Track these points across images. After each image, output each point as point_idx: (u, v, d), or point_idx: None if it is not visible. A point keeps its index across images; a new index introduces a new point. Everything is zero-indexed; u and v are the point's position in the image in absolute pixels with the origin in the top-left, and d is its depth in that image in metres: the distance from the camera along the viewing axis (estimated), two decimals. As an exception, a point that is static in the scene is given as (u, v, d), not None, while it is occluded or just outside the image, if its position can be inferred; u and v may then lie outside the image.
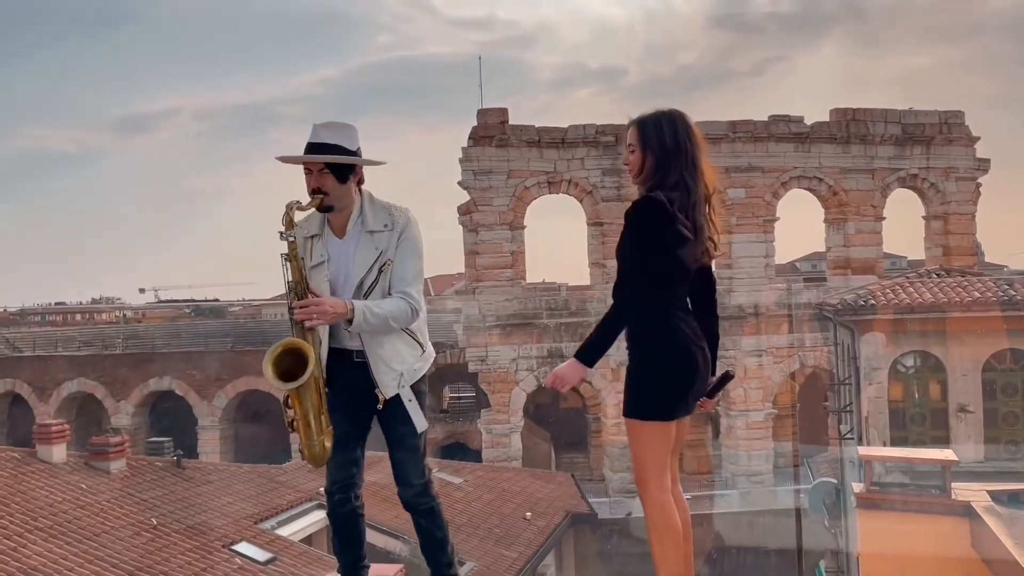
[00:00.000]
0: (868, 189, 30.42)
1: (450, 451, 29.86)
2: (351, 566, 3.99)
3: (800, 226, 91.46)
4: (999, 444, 18.58)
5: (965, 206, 31.14)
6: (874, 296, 20.04)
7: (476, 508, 20.76)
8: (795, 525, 21.65)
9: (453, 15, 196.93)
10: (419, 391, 3.75)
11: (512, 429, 28.57)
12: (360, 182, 3.70)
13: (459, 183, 29.19)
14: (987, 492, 11.31)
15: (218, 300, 72.44)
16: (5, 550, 11.33)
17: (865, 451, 14.17)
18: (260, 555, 14.16)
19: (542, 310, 29.28)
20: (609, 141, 28.88)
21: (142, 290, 75.98)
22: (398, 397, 3.68)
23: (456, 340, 29.07)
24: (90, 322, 63.22)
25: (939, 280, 20.84)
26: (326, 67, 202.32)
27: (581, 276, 32.86)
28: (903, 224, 48.69)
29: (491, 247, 28.92)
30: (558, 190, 29.66)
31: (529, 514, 21.23)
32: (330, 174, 3.57)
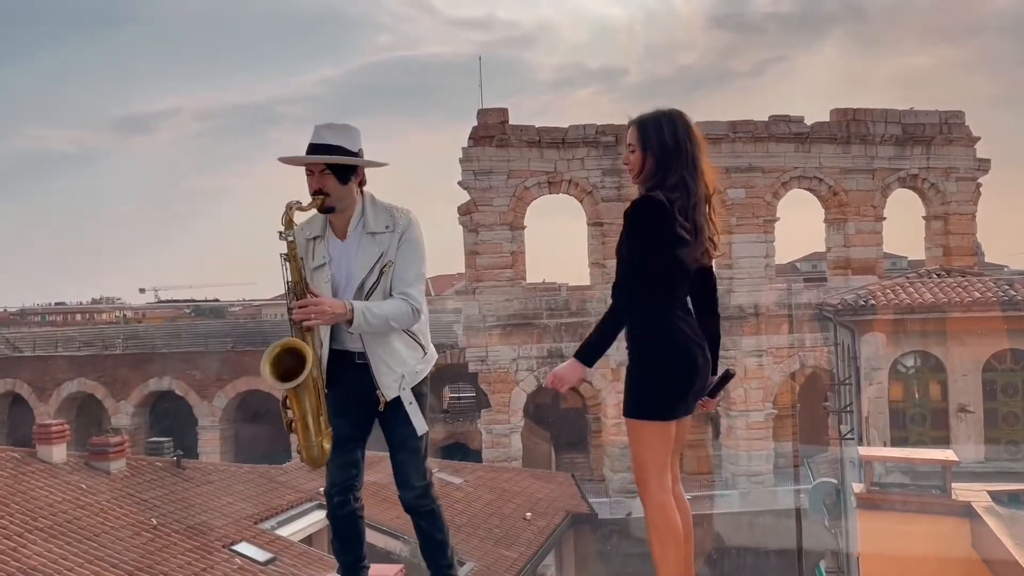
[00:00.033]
0: (868, 189, 30.41)
1: (450, 451, 29.86)
2: (351, 567, 3.98)
3: (800, 226, 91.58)
4: (999, 444, 18.58)
5: (965, 206, 31.13)
6: (874, 296, 20.04)
7: (476, 508, 20.75)
8: (795, 525, 21.64)
9: (453, 15, 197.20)
10: (420, 393, 3.74)
11: (512, 429, 28.57)
12: (362, 183, 3.70)
13: (459, 183, 29.19)
14: (987, 492, 11.29)
15: (218, 300, 72.42)
16: (5, 550, 11.33)
17: (865, 451, 14.16)
18: (260, 555, 14.14)
19: (542, 310, 29.27)
20: (609, 141, 28.88)
21: (142, 290, 76.04)
22: (399, 399, 3.67)
23: (456, 340, 29.06)
24: (90, 322, 63.20)
25: (939, 280, 20.84)
26: (326, 67, 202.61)
27: (581, 276, 32.90)
28: (903, 224, 48.86)
29: (491, 247, 28.92)
30: (558, 190, 29.65)
31: (529, 514, 21.21)
32: (332, 175, 3.57)
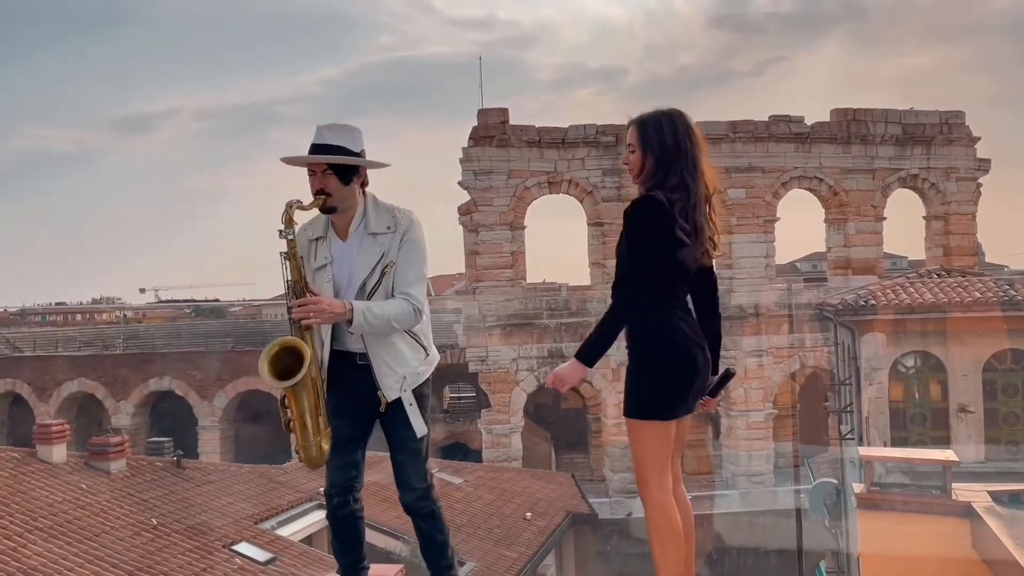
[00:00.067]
0: (868, 189, 30.41)
1: (450, 451, 29.85)
2: (350, 567, 3.98)
3: (800, 226, 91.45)
4: (1000, 444, 18.58)
5: (965, 206, 31.13)
6: (874, 296, 20.04)
7: (476, 508, 20.74)
8: (795, 525, 21.64)
9: (453, 15, 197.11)
10: (422, 395, 3.74)
11: (512, 429, 28.56)
12: (364, 184, 3.70)
13: (459, 183, 29.19)
14: (988, 493, 11.30)
15: (218, 300, 72.39)
16: (5, 550, 11.33)
17: (865, 451, 14.16)
18: (260, 555, 14.14)
19: (542, 310, 29.27)
20: (609, 141, 28.87)
21: (142, 290, 75.95)
22: (400, 400, 3.66)
23: (456, 340, 29.06)
24: (90, 322, 63.20)
25: (939, 280, 20.84)
26: (326, 67, 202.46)
27: (581, 276, 32.88)
28: (903, 224, 48.77)
29: (491, 247, 28.92)
30: (558, 190, 29.65)
31: (529, 514, 21.21)
32: (333, 175, 3.57)
